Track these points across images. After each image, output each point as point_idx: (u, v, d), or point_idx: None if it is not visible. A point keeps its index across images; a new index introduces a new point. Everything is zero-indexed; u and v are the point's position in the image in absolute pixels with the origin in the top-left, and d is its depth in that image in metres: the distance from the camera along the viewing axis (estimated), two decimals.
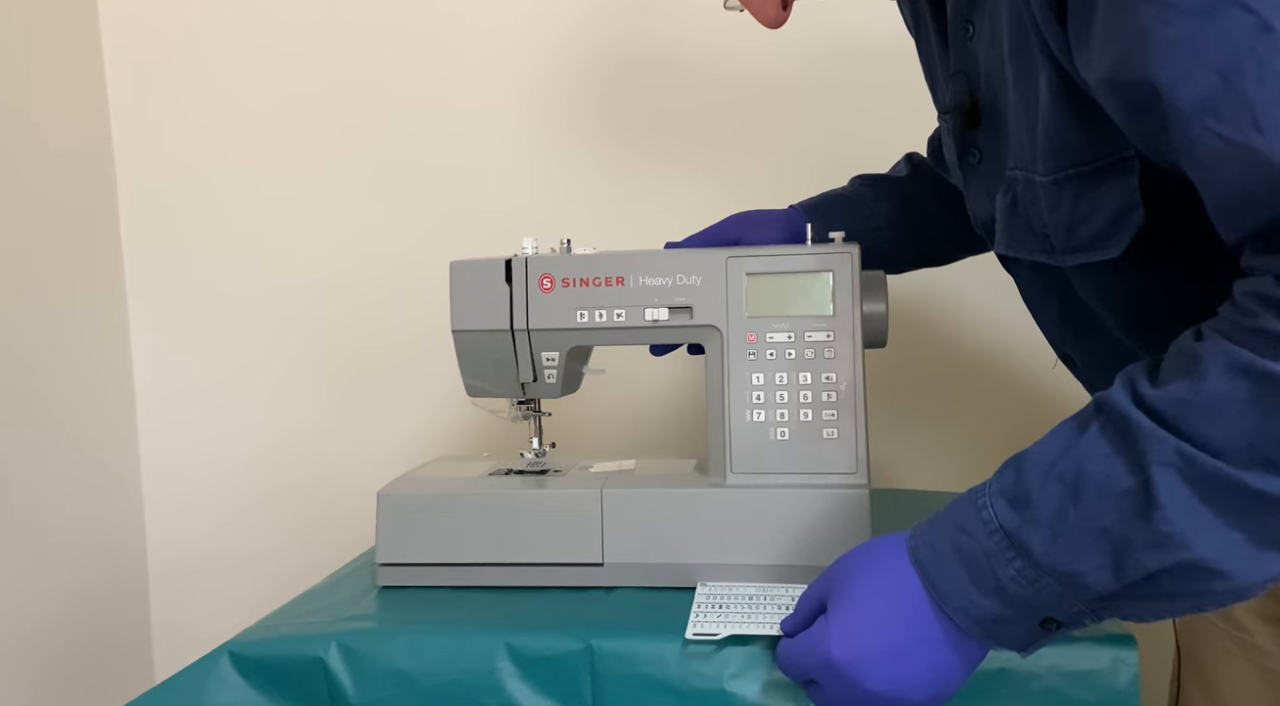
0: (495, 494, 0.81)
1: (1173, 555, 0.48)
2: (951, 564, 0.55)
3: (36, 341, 1.25)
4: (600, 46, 1.31)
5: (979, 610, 0.54)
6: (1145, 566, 0.49)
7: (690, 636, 0.67)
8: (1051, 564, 0.51)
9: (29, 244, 1.24)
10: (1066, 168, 0.59)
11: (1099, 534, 0.50)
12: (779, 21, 0.75)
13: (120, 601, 1.40)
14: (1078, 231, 0.61)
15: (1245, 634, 0.73)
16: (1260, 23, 0.44)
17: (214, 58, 1.37)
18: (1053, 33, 0.55)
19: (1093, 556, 0.50)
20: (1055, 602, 0.52)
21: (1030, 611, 0.53)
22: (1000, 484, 0.55)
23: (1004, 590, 0.53)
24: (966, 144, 0.73)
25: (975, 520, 0.54)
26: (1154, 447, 0.48)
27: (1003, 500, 0.54)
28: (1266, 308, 0.46)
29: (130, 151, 1.40)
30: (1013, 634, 0.55)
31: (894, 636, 0.56)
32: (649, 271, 0.80)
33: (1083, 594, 0.52)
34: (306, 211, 1.38)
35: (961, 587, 0.54)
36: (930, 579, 0.56)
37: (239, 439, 1.41)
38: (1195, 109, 0.46)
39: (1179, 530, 0.48)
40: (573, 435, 1.18)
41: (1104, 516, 0.50)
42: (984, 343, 1.28)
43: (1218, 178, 0.48)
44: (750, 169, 1.29)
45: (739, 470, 0.78)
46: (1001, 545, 0.53)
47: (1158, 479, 0.48)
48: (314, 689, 0.69)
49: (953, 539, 0.55)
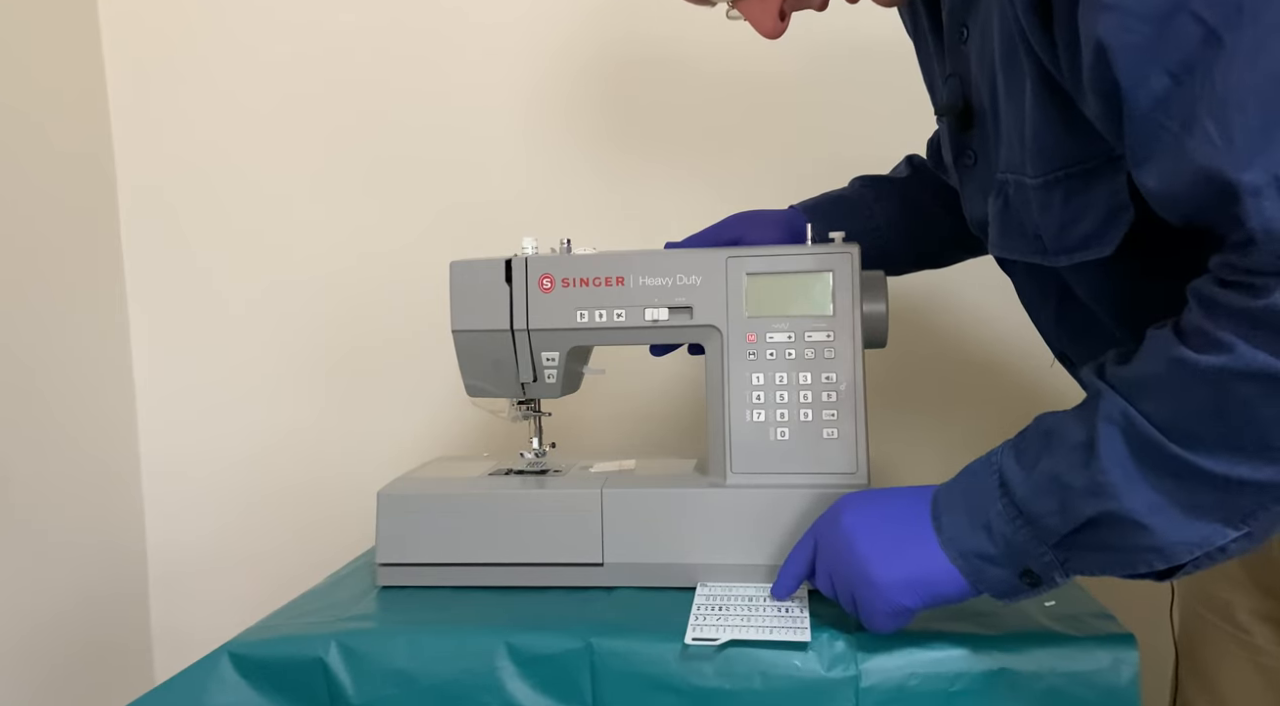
0: (495, 494, 0.81)
1: (1104, 503, 0.54)
2: (956, 500, 0.62)
3: (37, 341, 1.25)
4: (600, 46, 1.31)
5: (967, 543, 0.61)
6: (1083, 512, 0.56)
7: (689, 641, 0.67)
8: (1022, 502, 0.58)
9: (29, 243, 1.24)
10: (1056, 170, 0.61)
11: (1053, 479, 0.57)
12: (777, 32, 0.76)
13: (120, 601, 1.40)
14: (1069, 232, 0.62)
15: (1245, 633, 0.73)
16: (1208, 33, 0.48)
17: (214, 57, 1.37)
18: (1037, 38, 0.57)
19: (1048, 500, 0.57)
20: (1028, 547, 0.59)
21: (1011, 554, 0.59)
22: (1016, 437, 0.62)
23: (990, 527, 0.60)
24: (961, 146, 0.74)
25: (984, 464, 0.62)
26: (1104, 405, 0.55)
27: (1011, 450, 0.61)
28: (1199, 303, 0.52)
29: (130, 151, 1.40)
30: (995, 576, 0.61)
31: (896, 527, 0.64)
32: (649, 271, 0.80)
33: (1044, 537, 0.58)
34: (306, 211, 1.38)
35: (958, 521, 0.61)
36: (936, 511, 0.63)
37: (239, 438, 1.41)
38: (1150, 107, 0.51)
39: (1111, 480, 0.54)
40: (573, 435, 1.18)
41: (1060, 465, 0.57)
42: (983, 342, 1.28)
43: (1155, 173, 0.52)
44: (751, 168, 1.29)
45: (739, 470, 0.78)
46: (995, 482, 0.60)
47: (1101, 432, 0.55)
48: (314, 689, 0.69)
49: (963, 481, 0.63)
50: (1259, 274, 0.48)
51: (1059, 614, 0.70)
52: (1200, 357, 0.51)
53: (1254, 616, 0.72)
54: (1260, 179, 0.47)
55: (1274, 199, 0.47)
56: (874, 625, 0.65)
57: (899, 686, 0.65)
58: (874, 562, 0.63)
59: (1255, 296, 0.49)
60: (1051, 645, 0.65)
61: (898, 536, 0.63)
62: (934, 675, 0.65)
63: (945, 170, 0.84)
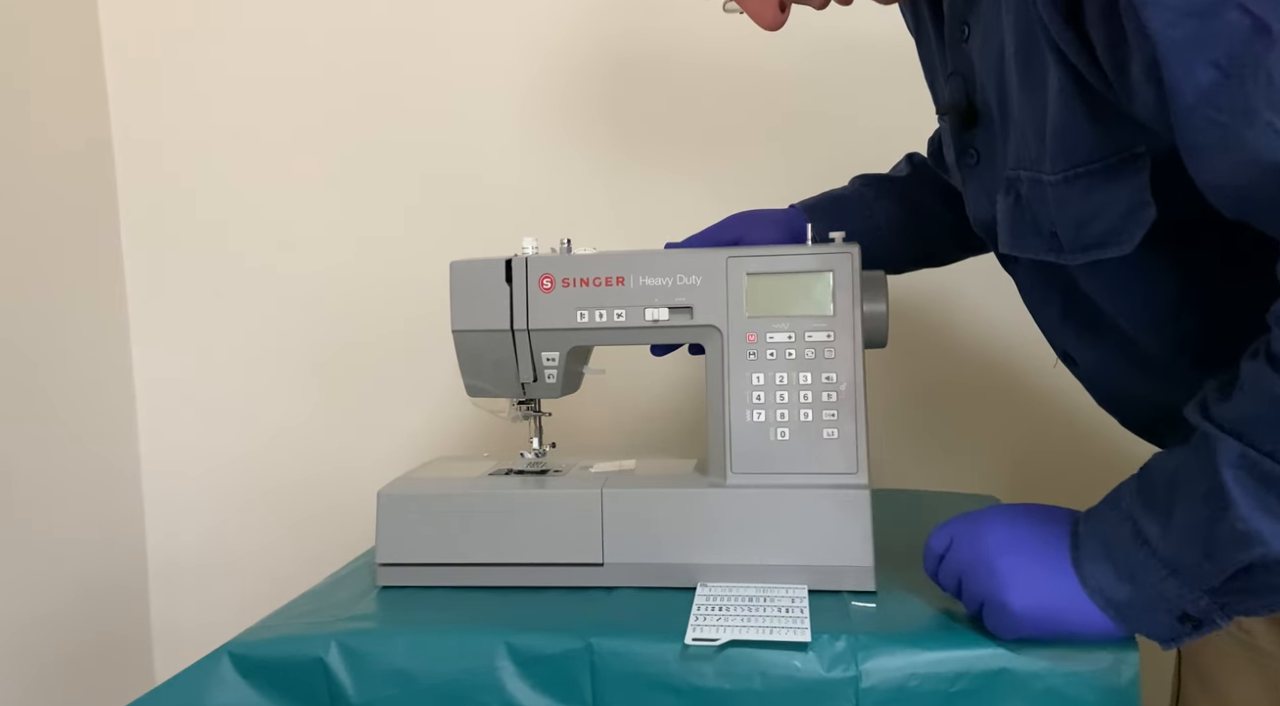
0: (495, 494, 0.81)
1: (1254, 551, 0.53)
2: (1096, 547, 0.61)
3: (37, 340, 1.25)
4: (600, 45, 1.31)
5: (1114, 593, 0.59)
6: (1236, 560, 0.54)
7: (690, 641, 0.67)
8: (1165, 556, 0.57)
9: (29, 242, 1.24)
10: (1077, 166, 0.60)
11: (1194, 531, 0.55)
12: (777, 23, 0.75)
13: (121, 599, 1.40)
14: (1089, 228, 0.61)
15: (1247, 635, 0.73)
16: (1257, 24, 0.47)
17: (214, 58, 1.37)
18: (1059, 31, 0.56)
19: (1193, 551, 0.55)
20: (1181, 595, 0.57)
21: (1159, 601, 0.58)
22: (1138, 481, 0.60)
23: (1135, 578, 0.58)
24: (964, 145, 0.74)
25: (1116, 510, 0.60)
26: (1222, 450, 0.53)
27: (1139, 498, 0.59)
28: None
29: (130, 151, 1.40)
30: (1148, 622, 0.59)
31: (1039, 559, 0.62)
32: (649, 271, 0.80)
33: (1196, 585, 0.56)
34: (306, 210, 1.38)
35: (1101, 569, 0.60)
36: (1076, 556, 0.61)
37: (240, 437, 1.41)
38: (1197, 101, 0.49)
39: (1254, 528, 0.52)
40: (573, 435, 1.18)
41: (1196, 515, 0.55)
42: (984, 342, 1.28)
43: (1214, 166, 0.51)
44: (752, 168, 1.29)
45: (739, 470, 0.78)
46: (1129, 532, 0.59)
47: (1228, 480, 0.53)
48: (314, 689, 0.69)
49: (1100, 528, 0.61)
50: None
51: None
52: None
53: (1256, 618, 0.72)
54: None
55: None
56: (996, 631, 0.64)
57: (899, 686, 0.64)
58: (1012, 589, 0.62)
59: None
60: (1051, 645, 0.65)
61: (1040, 571, 0.62)
62: (934, 675, 0.64)
63: (946, 169, 0.83)
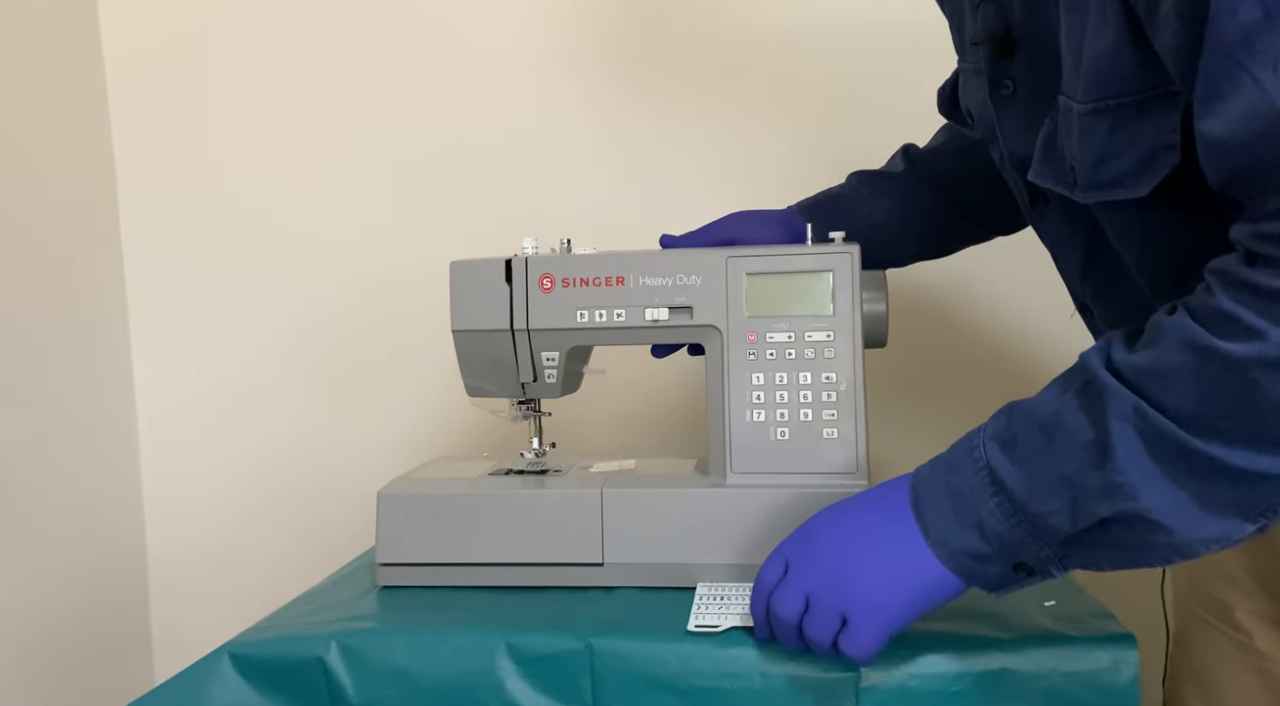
0: (495, 494, 0.81)
1: (1121, 504, 0.52)
2: (940, 498, 0.59)
3: (37, 340, 1.25)
4: (600, 45, 1.31)
5: (958, 542, 0.58)
6: (1097, 513, 0.53)
7: (692, 628, 0.67)
8: (1023, 503, 0.56)
9: (29, 243, 1.24)
10: (1108, 97, 0.57)
11: (1063, 479, 0.54)
12: None
13: (121, 599, 1.39)
14: (1105, 166, 0.59)
15: (1244, 636, 0.72)
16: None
17: (214, 58, 1.37)
18: None
19: (1055, 500, 0.55)
20: (1025, 543, 0.56)
21: (1004, 550, 0.57)
22: (994, 427, 0.59)
23: (982, 524, 0.57)
24: (1000, 75, 0.70)
25: (967, 459, 0.59)
26: (1114, 403, 0.52)
27: (994, 443, 0.58)
28: (1225, 287, 0.50)
29: (130, 151, 1.40)
30: (987, 572, 0.59)
31: (879, 527, 0.61)
32: (649, 271, 0.80)
33: (1047, 536, 0.56)
34: (307, 210, 1.38)
35: (945, 519, 0.59)
36: (920, 509, 0.60)
37: (239, 438, 1.41)
38: (1237, 39, 0.47)
39: (1128, 481, 0.52)
40: (573, 435, 1.18)
41: (1068, 464, 0.54)
42: (984, 342, 1.28)
43: (1228, 114, 0.48)
44: (752, 168, 1.29)
45: (739, 470, 0.78)
46: (985, 481, 0.57)
47: (1115, 432, 0.52)
48: (314, 689, 0.69)
49: (946, 476, 0.60)
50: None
51: (1059, 614, 0.70)
52: (1227, 345, 0.48)
53: (1255, 619, 0.71)
54: None
55: None
56: (862, 647, 0.60)
57: (899, 686, 0.64)
58: (863, 578, 0.60)
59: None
60: (1051, 645, 0.65)
61: (883, 543, 0.60)
62: (934, 675, 0.65)
63: (961, 118, 0.81)
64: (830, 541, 0.62)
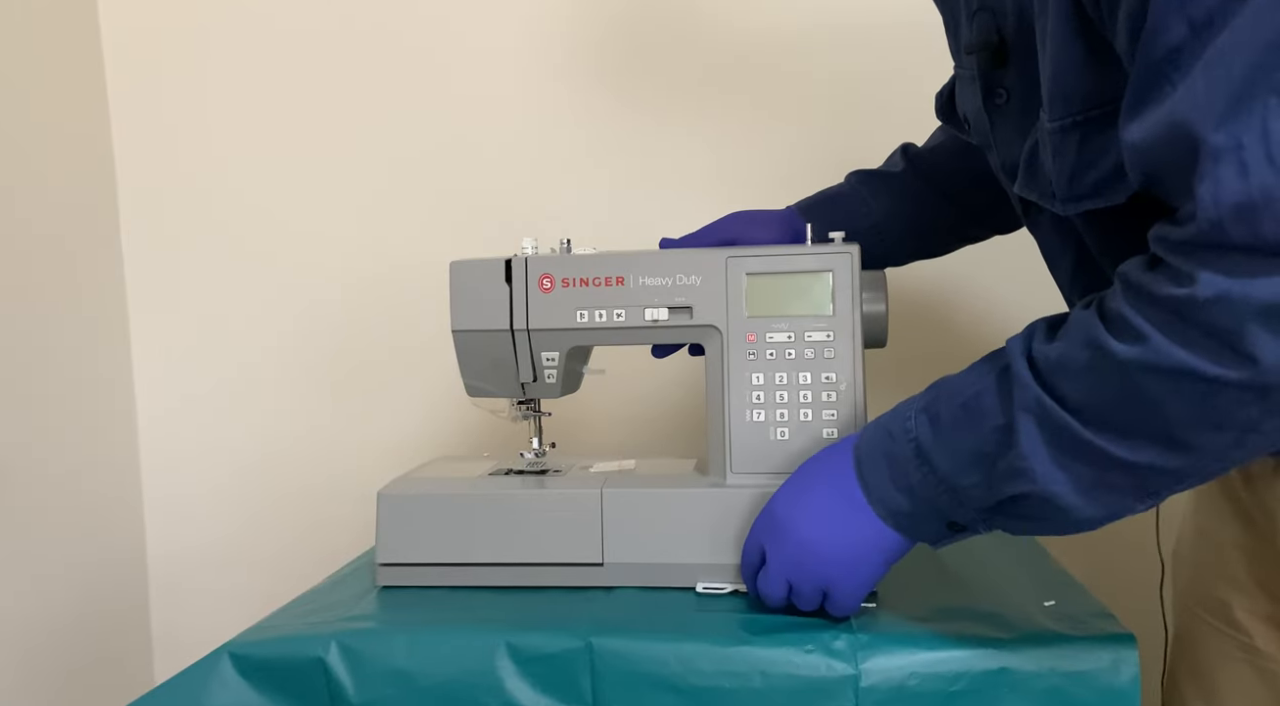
0: (495, 494, 0.81)
1: (1024, 485, 0.57)
2: (879, 462, 0.65)
3: (37, 340, 1.25)
4: (600, 45, 1.31)
5: (894, 503, 0.64)
6: (1005, 490, 0.58)
7: (700, 590, 0.75)
8: (945, 475, 0.61)
9: (29, 242, 1.24)
10: (1075, 113, 0.59)
11: (979, 457, 0.59)
12: None
13: (121, 599, 1.39)
14: (1080, 179, 0.60)
15: (1244, 636, 0.72)
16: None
17: (214, 58, 1.37)
18: None
19: (974, 474, 0.60)
20: (952, 508, 0.62)
21: (934, 513, 0.63)
22: (925, 401, 0.64)
23: (913, 490, 0.63)
24: (993, 84, 0.70)
25: (900, 428, 0.64)
26: (1020, 394, 0.57)
27: (924, 416, 0.63)
28: (1124, 288, 0.52)
29: (130, 151, 1.40)
30: (922, 529, 0.65)
31: (829, 500, 0.67)
32: (649, 271, 0.80)
33: (969, 503, 0.61)
34: (307, 210, 1.38)
35: (882, 482, 0.64)
36: (861, 471, 0.66)
37: (240, 437, 1.41)
38: (1162, 56, 0.49)
39: (1029, 466, 0.56)
40: (573, 435, 1.18)
41: (984, 444, 0.59)
42: (984, 342, 1.28)
43: (1145, 117, 0.50)
44: (753, 168, 1.29)
45: (739, 470, 0.78)
46: (913, 452, 0.62)
47: (1019, 421, 0.56)
48: (314, 689, 0.69)
49: (883, 443, 0.65)
50: (1188, 255, 0.48)
51: (1059, 614, 0.70)
52: (1116, 346, 0.51)
53: (1255, 618, 0.71)
54: (1225, 142, 0.46)
55: (1231, 167, 0.46)
56: (846, 609, 0.68)
57: (899, 686, 0.65)
58: (830, 558, 0.66)
59: (1179, 284, 0.48)
60: (1051, 645, 0.65)
61: (839, 518, 0.66)
62: (934, 675, 0.65)
63: (958, 123, 0.81)
64: (792, 525, 0.68)
